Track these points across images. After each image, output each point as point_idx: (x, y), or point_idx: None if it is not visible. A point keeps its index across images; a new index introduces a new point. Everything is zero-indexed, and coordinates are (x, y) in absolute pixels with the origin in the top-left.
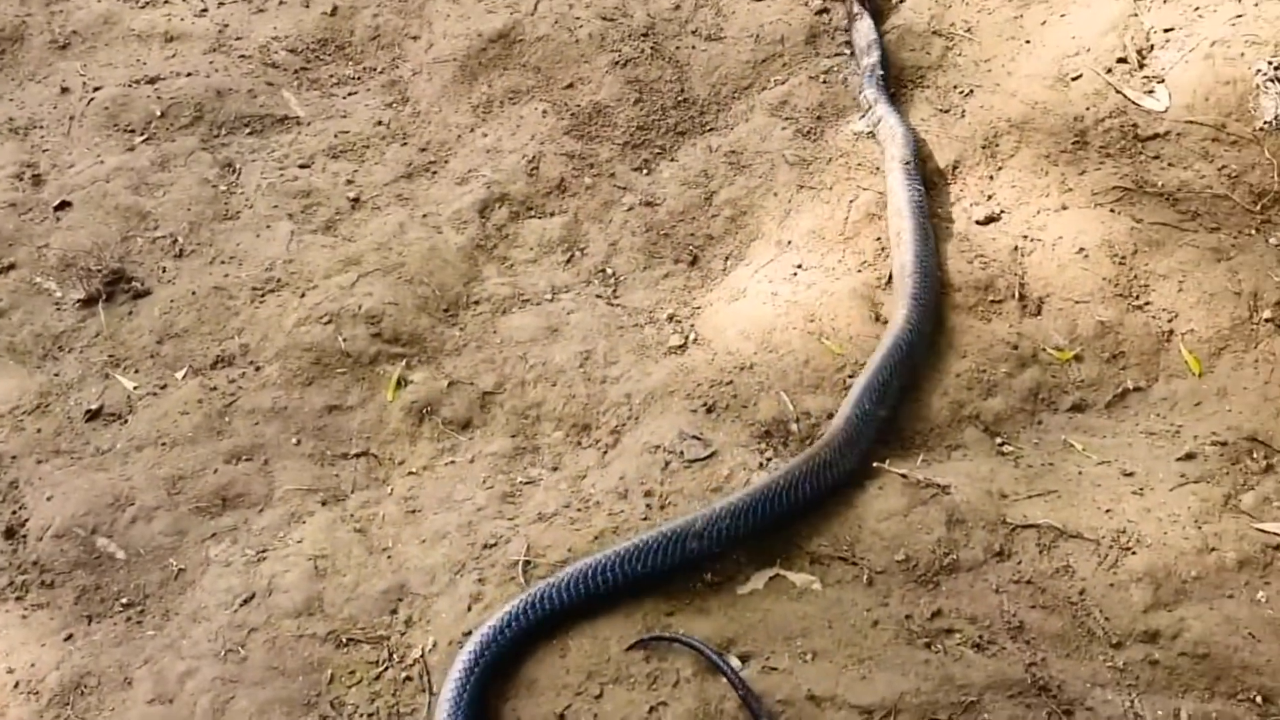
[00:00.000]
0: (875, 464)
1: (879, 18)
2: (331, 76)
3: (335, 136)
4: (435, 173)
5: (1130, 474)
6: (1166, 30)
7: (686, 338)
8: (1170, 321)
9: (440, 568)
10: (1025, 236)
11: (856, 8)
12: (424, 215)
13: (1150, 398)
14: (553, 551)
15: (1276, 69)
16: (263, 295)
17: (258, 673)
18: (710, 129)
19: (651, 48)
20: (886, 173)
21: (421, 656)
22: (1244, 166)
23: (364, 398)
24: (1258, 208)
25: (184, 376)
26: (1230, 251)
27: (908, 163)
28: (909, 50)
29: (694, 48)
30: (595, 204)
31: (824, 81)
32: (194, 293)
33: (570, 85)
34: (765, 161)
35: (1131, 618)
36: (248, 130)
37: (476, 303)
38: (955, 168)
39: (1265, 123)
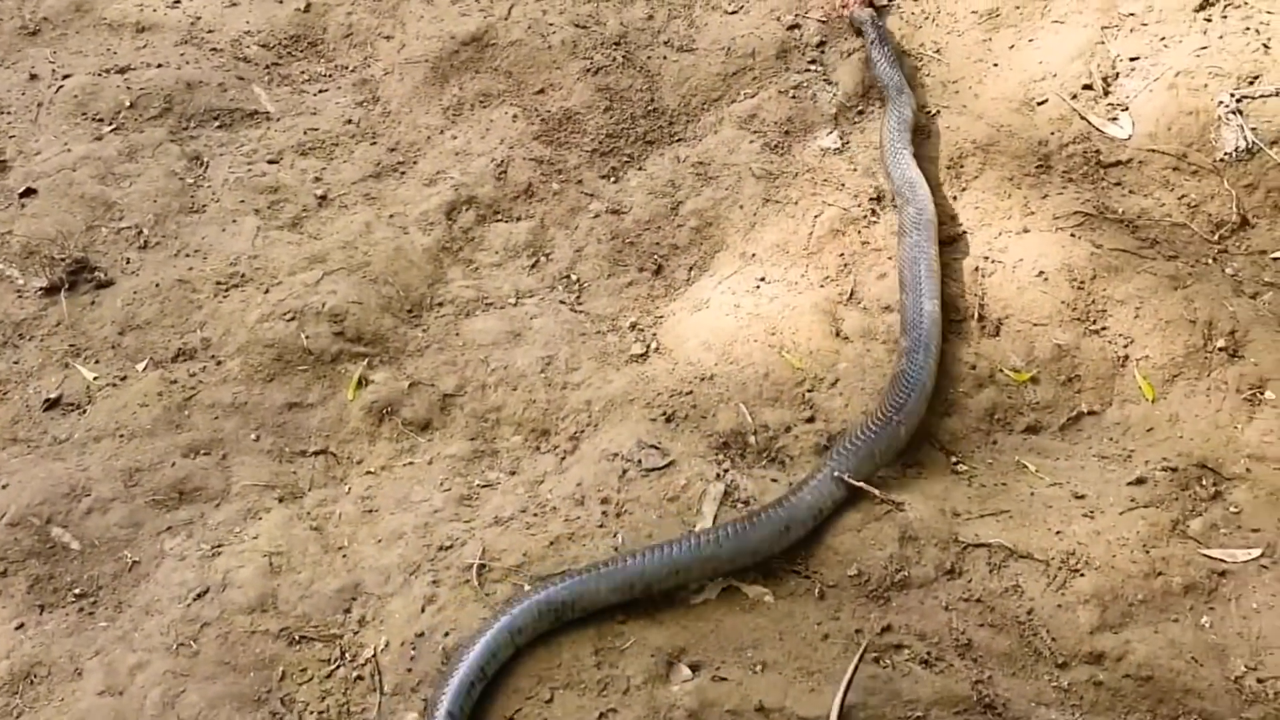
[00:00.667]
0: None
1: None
2: (303, 73)
3: (305, 133)
4: (403, 173)
5: (1081, 496)
6: (1132, 59)
7: (648, 346)
8: (1126, 347)
9: (395, 568)
10: (986, 258)
11: (872, 32)
12: (391, 215)
13: (1104, 422)
14: (508, 556)
15: (1239, 101)
16: (226, 290)
17: (209, 667)
18: (679, 139)
19: (623, 56)
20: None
21: (374, 656)
22: (1203, 196)
23: (324, 396)
24: (1215, 238)
25: (144, 368)
26: (1187, 280)
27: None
28: None
29: (665, 58)
30: (562, 210)
31: (793, 96)
32: (157, 285)
33: (541, 91)
34: (732, 174)
35: (1078, 639)
36: (217, 124)
37: (440, 304)
38: None
39: (1226, 154)
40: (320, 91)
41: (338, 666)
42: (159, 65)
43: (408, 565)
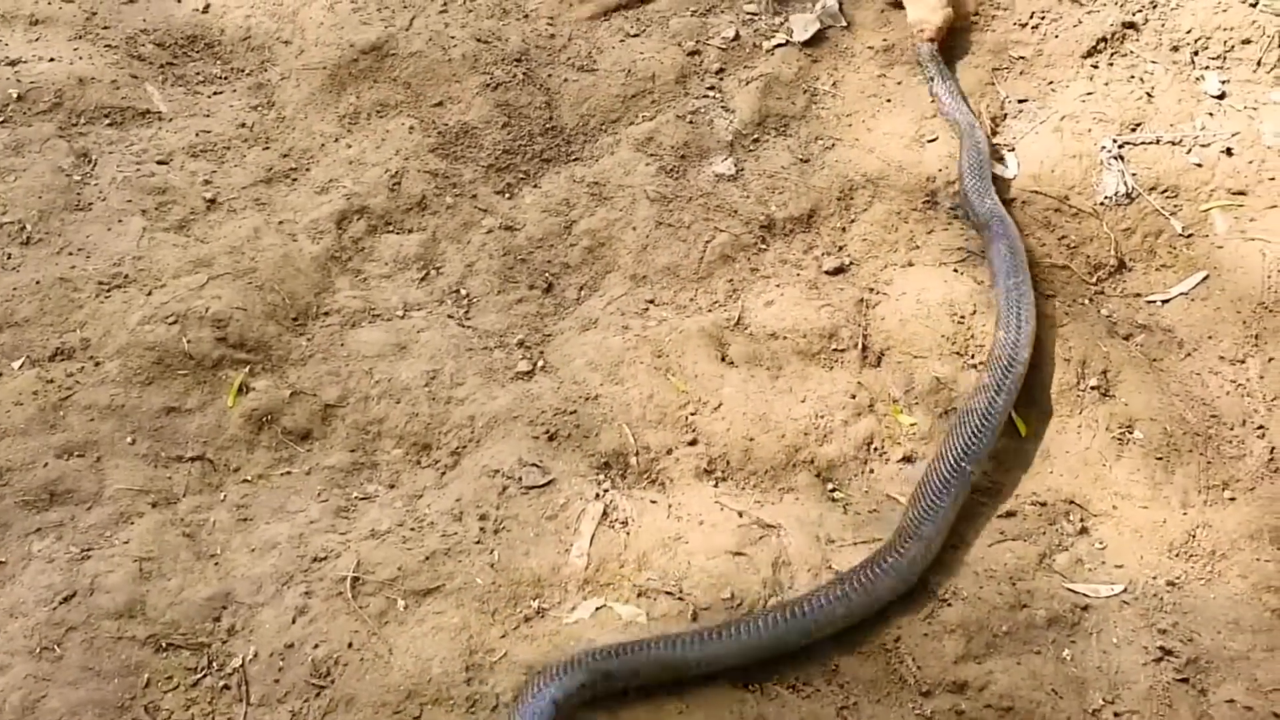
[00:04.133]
0: (715, 501)
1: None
2: (198, 74)
3: (196, 135)
4: (295, 180)
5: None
6: (1020, 101)
7: (535, 364)
8: None
9: (268, 578)
10: (871, 289)
11: (932, 67)
12: (280, 222)
13: None
14: (383, 569)
15: (1120, 146)
16: (109, 290)
17: (72, 673)
18: (575, 159)
19: (524, 73)
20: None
21: (241, 666)
22: (1083, 238)
23: (204, 401)
24: (1093, 279)
25: (20, 366)
26: (1063, 319)
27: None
28: (774, 99)
29: (566, 78)
30: (455, 224)
31: (690, 121)
32: (38, 282)
33: (439, 103)
34: (627, 195)
35: (942, 668)
36: (107, 121)
37: (326, 314)
38: (810, 217)
39: (1105, 198)
40: (215, 94)
41: (204, 675)
42: (51, 59)
43: (280, 575)
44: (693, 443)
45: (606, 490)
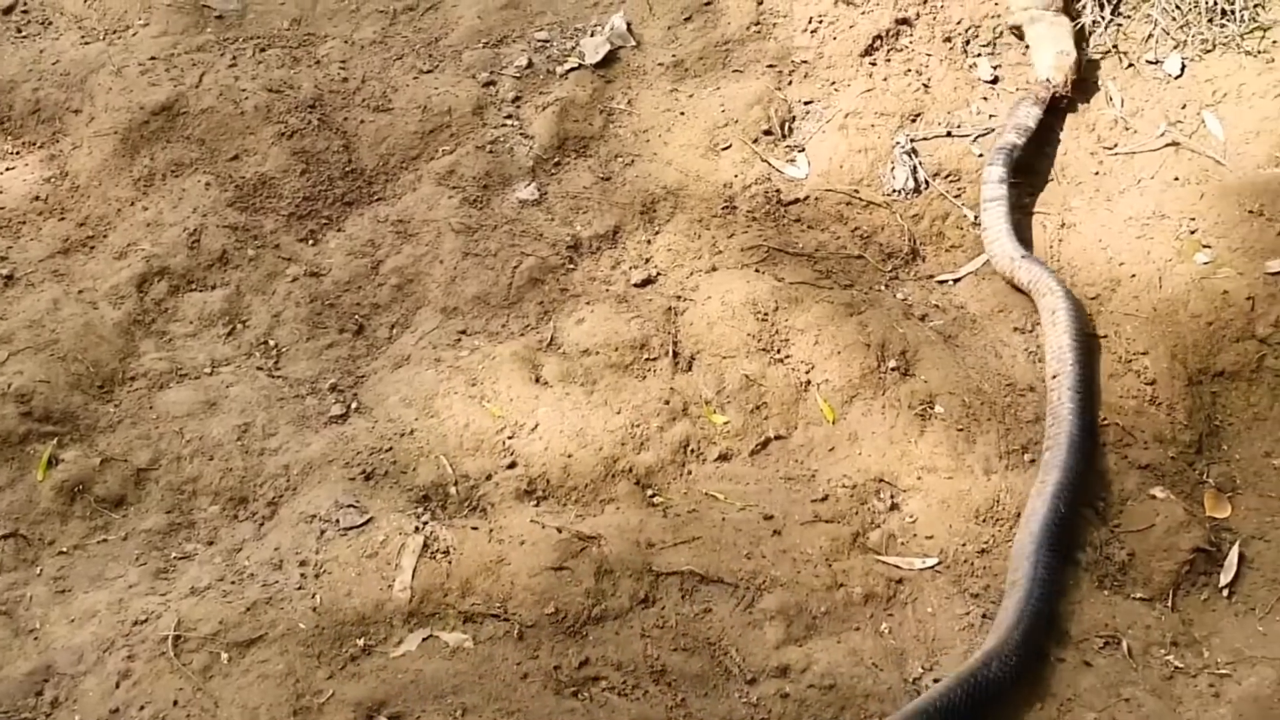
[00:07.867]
0: (534, 520)
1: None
2: None
3: None
4: (93, 248)
5: (770, 517)
6: (806, 103)
7: (348, 406)
8: (808, 373)
9: (88, 646)
10: (679, 297)
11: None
12: (80, 291)
13: (790, 445)
14: (204, 625)
15: (913, 141)
16: None
17: None
18: (378, 199)
19: (319, 119)
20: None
21: None
22: (874, 228)
23: (13, 478)
24: (887, 266)
25: None
26: (861, 306)
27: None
28: (572, 121)
29: (362, 120)
30: (258, 276)
31: (490, 151)
32: None
33: (235, 157)
34: (432, 230)
35: (765, 654)
36: None
37: (132, 379)
38: (615, 233)
39: (895, 189)
40: (6, 170)
41: None
42: None
43: (101, 642)
44: (511, 466)
45: (426, 522)
